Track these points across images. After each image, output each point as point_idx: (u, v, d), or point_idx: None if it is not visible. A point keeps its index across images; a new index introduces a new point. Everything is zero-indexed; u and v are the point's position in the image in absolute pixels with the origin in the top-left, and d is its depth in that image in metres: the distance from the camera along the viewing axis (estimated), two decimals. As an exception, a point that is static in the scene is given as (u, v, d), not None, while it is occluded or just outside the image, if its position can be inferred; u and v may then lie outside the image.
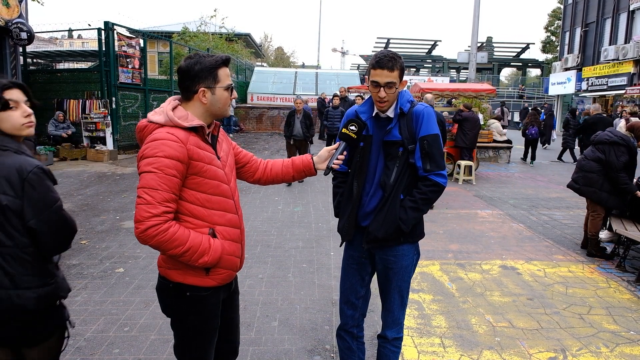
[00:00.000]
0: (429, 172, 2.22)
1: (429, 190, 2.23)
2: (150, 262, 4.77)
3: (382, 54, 2.19)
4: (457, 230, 6.22)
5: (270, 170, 2.24)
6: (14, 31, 10.21)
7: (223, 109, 1.90)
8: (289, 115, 9.28)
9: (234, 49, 24.87)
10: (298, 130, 9.10)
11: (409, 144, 2.23)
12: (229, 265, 1.92)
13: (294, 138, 9.18)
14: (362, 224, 2.34)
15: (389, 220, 2.22)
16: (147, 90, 13.64)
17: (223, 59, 1.87)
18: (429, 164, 2.21)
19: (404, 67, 2.26)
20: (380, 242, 2.27)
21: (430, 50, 40.02)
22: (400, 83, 2.22)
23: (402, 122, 2.25)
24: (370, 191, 2.31)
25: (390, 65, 2.15)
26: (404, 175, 2.25)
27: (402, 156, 2.24)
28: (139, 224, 1.66)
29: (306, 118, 9.16)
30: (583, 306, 3.99)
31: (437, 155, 2.22)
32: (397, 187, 2.24)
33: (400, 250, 2.32)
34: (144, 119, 1.87)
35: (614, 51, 23.08)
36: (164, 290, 1.92)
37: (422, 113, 2.24)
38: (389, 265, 2.35)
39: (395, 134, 2.24)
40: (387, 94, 2.18)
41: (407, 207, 2.23)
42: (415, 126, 2.24)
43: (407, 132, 2.24)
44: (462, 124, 9.97)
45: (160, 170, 1.69)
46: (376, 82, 2.17)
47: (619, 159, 5.06)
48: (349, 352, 2.51)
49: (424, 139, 2.21)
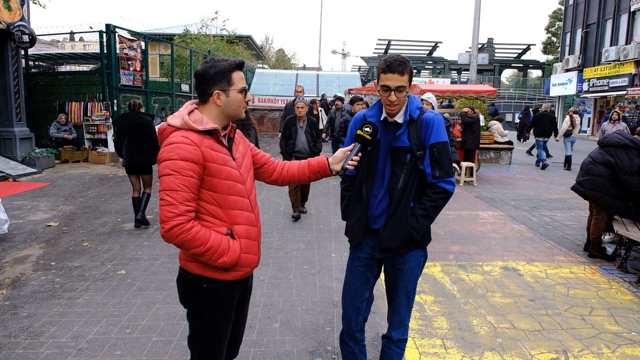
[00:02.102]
0: (438, 179, 2.25)
1: (438, 198, 2.26)
2: (152, 264, 4.78)
3: (392, 58, 2.20)
4: (459, 232, 6.22)
5: (287, 171, 2.30)
6: (16, 34, 10.25)
7: (237, 111, 1.98)
8: (288, 125, 6.66)
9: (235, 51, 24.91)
10: (303, 144, 6.53)
11: (417, 151, 2.25)
12: (246, 263, 2.00)
13: (296, 155, 6.54)
14: (371, 226, 2.35)
15: (401, 229, 2.25)
16: (149, 93, 13.68)
17: (237, 62, 1.95)
18: (438, 171, 2.24)
19: (413, 71, 2.29)
20: (393, 251, 2.29)
21: (431, 51, 40.02)
22: (409, 87, 2.24)
23: (412, 128, 2.27)
24: (379, 195, 2.32)
25: (401, 69, 2.17)
26: (413, 182, 2.27)
27: (409, 163, 2.25)
28: (164, 224, 1.78)
29: (312, 127, 6.61)
30: (584, 307, 3.99)
31: (446, 162, 2.24)
32: (407, 195, 2.26)
33: (409, 253, 2.34)
34: (164, 122, 1.97)
35: (615, 52, 23.08)
36: (183, 282, 2.00)
37: (432, 120, 2.27)
38: (398, 267, 2.37)
39: (404, 140, 2.26)
40: (397, 98, 2.20)
41: (418, 215, 2.26)
42: (425, 133, 2.26)
43: (416, 138, 2.26)
44: (472, 126, 9.97)
45: (177, 172, 1.78)
46: (387, 87, 2.19)
47: (633, 161, 4.98)
48: (351, 356, 2.51)
49: (434, 146, 2.23)
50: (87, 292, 4.07)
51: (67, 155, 11.79)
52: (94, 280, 4.34)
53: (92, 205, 7.43)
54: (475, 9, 16.48)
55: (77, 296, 3.98)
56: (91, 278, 4.41)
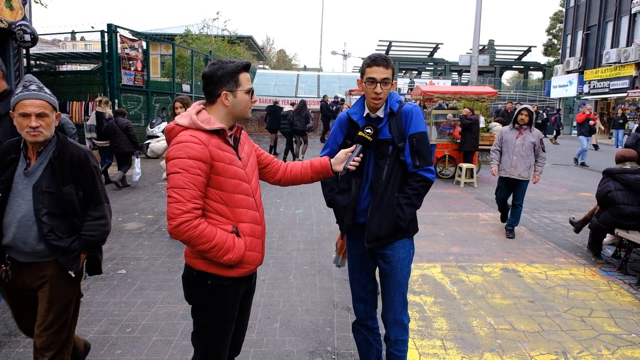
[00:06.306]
0: (418, 168, 2.34)
1: (419, 186, 2.35)
2: (152, 263, 4.79)
3: (375, 55, 2.34)
4: (459, 233, 6.22)
5: (290, 172, 2.34)
6: (17, 33, 10.26)
7: (244, 111, 2.04)
8: None
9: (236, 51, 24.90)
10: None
11: (398, 142, 2.33)
12: (250, 260, 2.03)
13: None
14: (359, 220, 2.41)
15: (387, 218, 2.32)
16: (150, 93, 13.70)
17: (244, 64, 2.00)
18: (417, 160, 2.33)
19: (394, 69, 2.41)
20: (381, 240, 2.35)
21: (432, 53, 40.03)
22: (392, 82, 2.34)
23: (392, 121, 2.36)
24: (365, 188, 2.39)
25: (385, 63, 2.30)
26: (397, 173, 2.35)
27: (392, 154, 2.33)
28: (172, 221, 1.82)
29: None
30: (584, 309, 3.99)
31: (425, 151, 2.35)
32: (391, 186, 2.33)
33: (396, 243, 2.41)
34: (170, 122, 2.02)
35: (616, 54, 23.09)
36: (188, 278, 2.04)
37: (410, 111, 2.37)
38: (387, 260, 2.42)
39: (385, 133, 2.34)
40: (382, 90, 2.29)
41: (402, 204, 2.33)
42: (405, 124, 2.35)
43: (397, 130, 2.34)
44: (471, 128, 9.94)
45: (185, 170, 1.83)
46: (373, 79, 2.29)
47: None
48: (366, 344, 2.62)
49: (413, 137, 2.33)
50: (87, 292, 4.07)
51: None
52: (94, 280, 4.34)
53: (93, 204, 7.43)
54: (476, 10, 16.49)
55: (78, 295, 3.98)
56: (91, 277, 4.41)
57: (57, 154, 2.26)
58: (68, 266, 2.28)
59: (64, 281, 2.31)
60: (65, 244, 2.26)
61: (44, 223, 2.20)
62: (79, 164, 2.29)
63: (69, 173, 2.26)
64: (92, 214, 2.34)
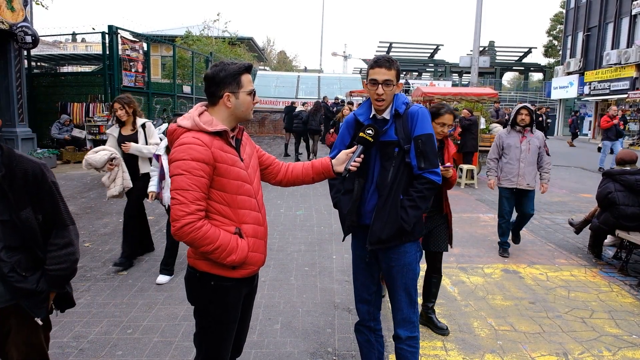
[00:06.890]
0: (423, 170, 2.31)
1: (424, 188, 2.32)
2: (153, 265, 4.79)
3: (379, 56, 2.34)
4: (459, 234, 6.22)
5: (291, 173, 2.35)
6: (18, 35, 10.28)
7: (246, 112, 2.04)
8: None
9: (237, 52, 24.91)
10: None
11: (404, 144, 2.31)
12: (253, 261, 2.03)
13: None
14: (364, 221, 2.40)
15: (391, 220, 2.29)
16: (150, 94, 13.70)
17: (246, 66, 2.01)
18: (423, 162, 2.30)
19: (400, 71, 2.38)
20: (384, 243, 2.33)
21: (433, 54, 40.07)
22: (396, 84, 2.32)
23: (398, 122, 2.34)
24: (370, 189, 2.38)
25: (388, 65, 2.28)
26: (402, 175, 2.33)
27: (397, 156, 2.32)
28: (175, 222, 1.83)
29: None
30: (585, 310, 3.99)
31: (430, 153, 2.31)
32: (396, 188, 2.31)
33: (402, 248, 2.38)
34: (174, 123, 2.01)
35: (616, 55, 23.09)
36: (190, 279, 2.04)
37: (416, 113, 2.34)
38: (392, 264, 2.41)
39: (391, 134, 2.33)
40: (385, 92, 2.28)
41: (407, 206, 2.31)
42: (411, 126, 2.33)
43: (403, 132, 2.33)
44: (471, 129, 9.95)
45: (188, 172, 1.83)
46: (374, 80, 2.29)
47: None
48: (368, 344, 2.61)
49: (419, 138, 2.30)
50: (88, 293, 4.08)
51: (69, 155, 11.82)
52: (95, 281, 4.35)
53: (94, 206, 7.44)
54: (476, 11, 16.50)
55: (79, 296, 3.99)
56: (92, 278, 4.42)
57: (5, 171, 1.80)
58: (34, 312, 1.90)
59: (31, 329, 1.95)
60: (31, 284, 1.86)
61: (3, 261, 1.81)
62: (35, 181, 1.87)
63: (24, 194, 1.84)
64: (57, 242, 1.94)
